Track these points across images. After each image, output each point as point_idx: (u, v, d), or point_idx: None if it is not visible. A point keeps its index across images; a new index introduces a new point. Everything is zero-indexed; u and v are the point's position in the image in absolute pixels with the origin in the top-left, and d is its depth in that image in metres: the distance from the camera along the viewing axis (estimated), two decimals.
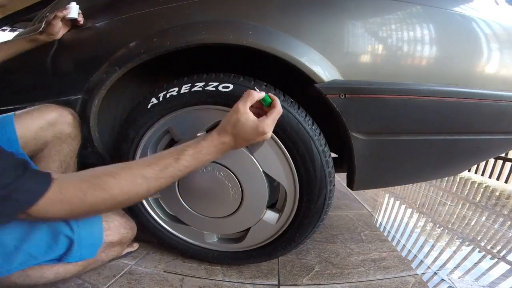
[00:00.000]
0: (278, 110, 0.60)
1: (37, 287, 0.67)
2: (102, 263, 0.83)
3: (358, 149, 0.73)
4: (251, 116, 0.58)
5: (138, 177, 0.53)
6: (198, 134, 0.75)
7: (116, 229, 0.68)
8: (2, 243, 0.53)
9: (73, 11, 0.82)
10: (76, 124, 0.80)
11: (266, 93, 0.61)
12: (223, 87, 0.70)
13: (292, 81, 0.77)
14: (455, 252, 1.15)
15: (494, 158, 2.75)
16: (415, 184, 2.23)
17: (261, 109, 0.62)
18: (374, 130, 0.72)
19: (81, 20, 0.85)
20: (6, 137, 0.70)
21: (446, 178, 2.56)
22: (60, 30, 0.84)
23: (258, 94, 0.59)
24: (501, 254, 1.16)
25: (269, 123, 0.58)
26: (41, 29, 0.84)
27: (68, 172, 0.82)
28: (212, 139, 0.58)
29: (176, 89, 0.74)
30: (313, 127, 0.72)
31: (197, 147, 0.57)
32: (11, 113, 0.74)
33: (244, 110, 0.57)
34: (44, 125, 0.74)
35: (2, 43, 0.88)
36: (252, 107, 0.59)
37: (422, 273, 0.97)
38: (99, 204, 0.51)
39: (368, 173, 0.79)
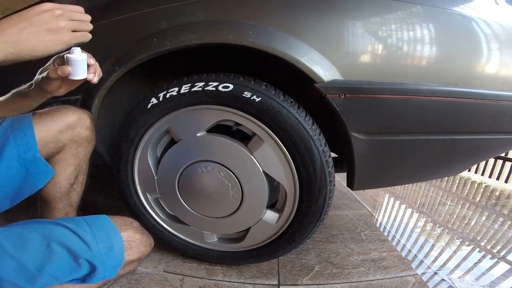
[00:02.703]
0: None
1: None
2: (117, 277, 0.83)
3: (358, 149, 0.73)
4: None
5: None
6: (198, 134, 0.75)
7: (136, 248, 0.67)
8: (23, 266, 0.52)
9: (79, 67, 0.53)
10: (93, 127, 0.78)
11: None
12: (223, 87, 0.70)
13: (292, 81, 0.77)
14: (455, 252, 1.15)
15: (494, 158, 2.74)
16: (415, 184, 2.22)
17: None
18: (374, 130, 0.72)
19: (93, 78, 0.58)
20: (24, 141, 0.68)
21: (446, 178, 2.56)
22: (61, 89, 0.61)
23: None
24: (501, 254, 1.16)
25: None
26: (34, 80, 0.62)
27: (80, 176, 0.81)
28: None
29: (176, 89, 0.74)
30: (313, 127, 0.72)
31: None
32: (29, 113, 0.71)
33: None
34: (64, 128, 0.72)
35: None
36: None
37: (422, 273, 0.97)
38: None
39: (368, 173, 0.79)
